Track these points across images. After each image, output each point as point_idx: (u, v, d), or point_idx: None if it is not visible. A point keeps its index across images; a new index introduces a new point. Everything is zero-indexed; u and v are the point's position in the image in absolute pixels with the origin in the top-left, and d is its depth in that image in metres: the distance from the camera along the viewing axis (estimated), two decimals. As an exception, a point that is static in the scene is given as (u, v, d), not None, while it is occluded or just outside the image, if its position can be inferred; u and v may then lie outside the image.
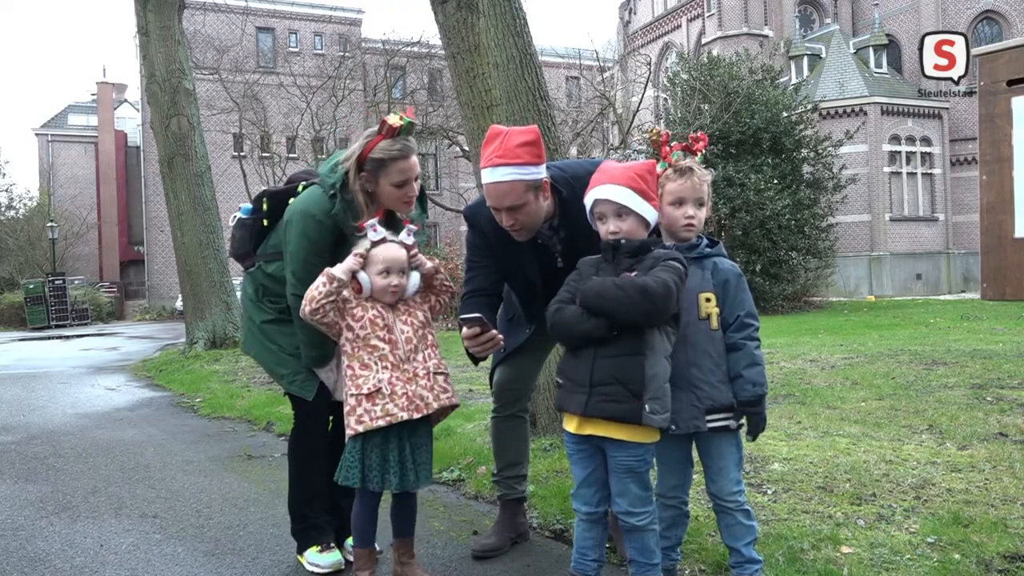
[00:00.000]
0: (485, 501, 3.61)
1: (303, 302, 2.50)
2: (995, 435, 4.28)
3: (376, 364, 2.49)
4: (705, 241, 2.42)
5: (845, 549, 2.69)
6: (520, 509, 3.10)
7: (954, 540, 2.71)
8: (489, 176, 2.54)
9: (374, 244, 2.52)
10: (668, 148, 2.46)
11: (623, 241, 2.26)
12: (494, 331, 2.56)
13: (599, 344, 2.21)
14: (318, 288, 2.47)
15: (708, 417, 2.32)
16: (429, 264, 2.66)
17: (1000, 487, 3.33)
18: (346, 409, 2.51)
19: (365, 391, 2.47)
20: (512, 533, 3.02)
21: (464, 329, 2.55)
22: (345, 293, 2.51)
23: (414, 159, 2.66)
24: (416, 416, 2.49)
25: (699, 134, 2.53)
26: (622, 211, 2.28)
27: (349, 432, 2.49)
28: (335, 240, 2.70)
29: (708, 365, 2.32)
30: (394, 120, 2.60)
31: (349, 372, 2.51)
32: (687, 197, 2.37)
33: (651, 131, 2.55)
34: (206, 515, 3.59)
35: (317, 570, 2.80)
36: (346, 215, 2.64)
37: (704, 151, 2.49)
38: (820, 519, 3.01)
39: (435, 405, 2.55)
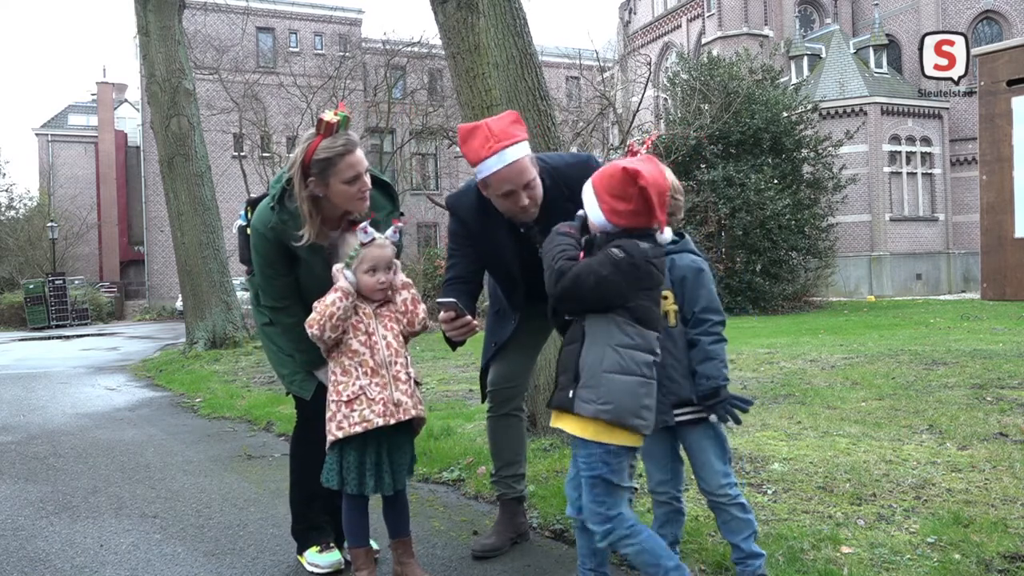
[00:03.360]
0: (485, 501, 3.61)
1: (320, 321, 2.47)
2: (995, 435, 4.28)
3: (356, 370, 2.50)
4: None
5: (845, 549, 2.69)
6: (520, 509, 3.10)
7: (954, 540, 2.71)
8: (500, 160, 2.57)
9: (363, 245, 2.50)
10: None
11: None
12: (469, 316, 2.62)
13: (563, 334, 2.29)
14: (336, 305, 2.46)
15: (676, 411, 2.36)
16: (399, 277, 2.63)
17: (1000, 487, 3.34)
18: (328, 415, 2.53)
19: (345, 397, 2.49)
20: (512, 533, 3.02)
21: (441, 313, 2.62)
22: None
23: (360, 153, 2.57)
24: (391, 422, 2.49)
25: (653, 134, 2.54)
26: None
27: (330, 438, 2.51)
28: (286, 252, 2.64)
29: (669, 361, 2.36)
30: (329, 116, 2.52)
31: (332, 378, 2.54)
32: None
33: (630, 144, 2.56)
34: (206, 515, 3.59)
35: (317, 570, 2.80)
36: (286, 227, 2.58)
37: (647, 149, 2.45)
38: (820, 519, 3.01)
39: (412, 412, 2.53)
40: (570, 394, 2.17)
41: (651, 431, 2.21)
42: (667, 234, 2.25)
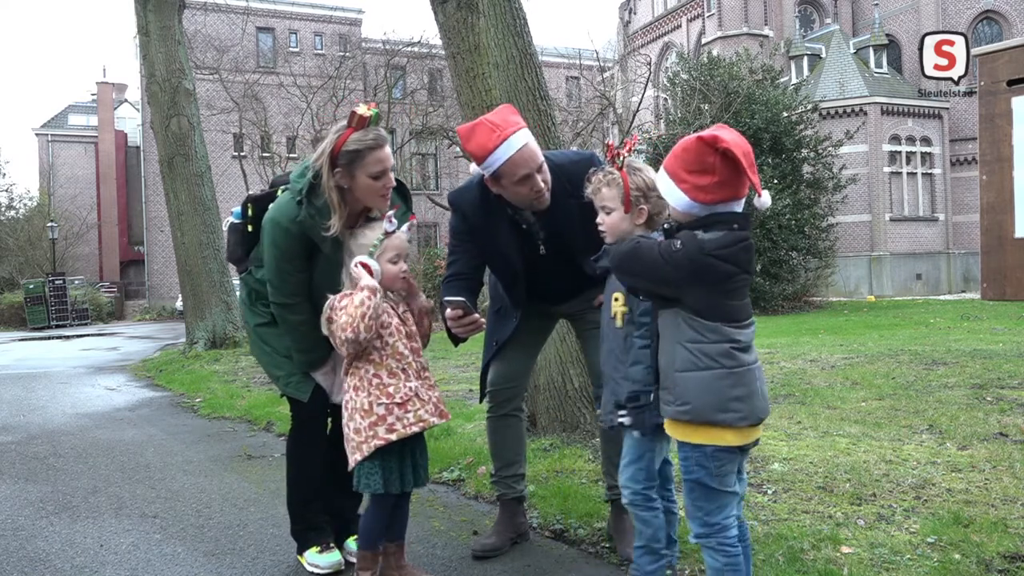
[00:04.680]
0: (485, 501, 3.61)
1: (353, 323, 2.37)
2: (995, 435, 4.28)
3: (403, 372, 2.47)
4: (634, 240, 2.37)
5: (845, 549, 2.69)
6: (519, 509, 3.10)
7: (954, 540, 2.71)
8: (510, 146, 2.57)
9: (387, 234, 2.48)
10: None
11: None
12: (476, 314, 2.62)
13: None
14: (366, 304, 2.37)
15: (619, 412, 2.34)
16: (423, 299, 2.65)
17: (1000, 487, 3.33)
18: (369, 420, 2.43)
19: (399, 399, 2.44)
20: (512, 533, 3.02)
21: (448, 311, 2.61)
22: (384, 318, 2.47)
23: (388, 149, 2.60)
24: (442, 421, 2.53)
25: (633, 136, 2.50)
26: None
27: (378, 442, 2.41)
28: (307, 247, 2.64)
29: (613, 362, 2.38)
30: (363, 110, 2.54)
31: (376, 381, 2.44)
32: (597, 208, 2.40)
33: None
34: (206, 515, 3.59)
35: (317, 571, 2.80)
36: (314, 221, 2.58)
37: (629, 152, 2.39)
38: (820, 519, 3.01)
39: (448, 414, 2.59)
40: (651, 396, 2.15)
41: (752, 422, 2.05)
42: (766, 198, 2.05)
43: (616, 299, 2.38)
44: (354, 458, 2.47)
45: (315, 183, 2.57)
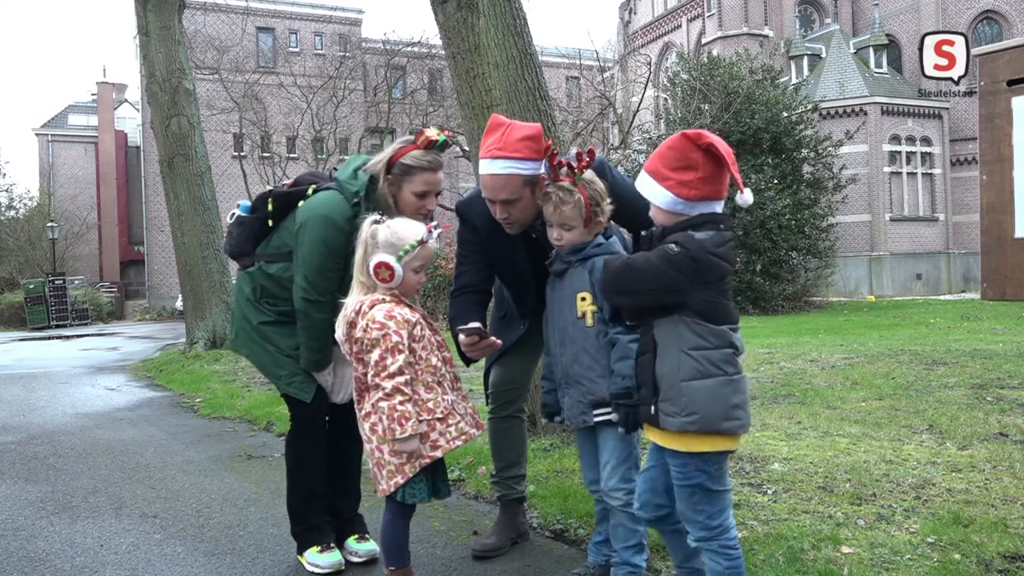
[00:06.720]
0: (485, 501, 3.61)
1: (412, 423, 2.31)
2: (995, 435, 4.28)
3: (440, 386, 2.42)
4: (593, 243, 2.41)
5: (845, 549, 2.69)
6: (520, 509, 3.10)
7: (954, 540, 2.71)
8: (487, 167, 2.55)
9: (423, 243, 2.43)
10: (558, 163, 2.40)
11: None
12: (492, 337, 2.60)
13: None
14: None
15: (595, 411, 2.37)
16: None
17: (1000, 487, 3.33)
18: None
19: (439, 414, 2.38)
20: (512, 533, 3.02)
21: (462, 337, 2.57)
22: (417, 331, 2.39)
23: (441, 175, 2.71)
24: (478, 432, 2.50)
25: (589, 149, 2.45)
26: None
27: (424, 461, 2.35)
28: (349, 247, 2.66)
29: (587, 361, 2.39)
30: (432, 133, 2.66)
31: (414, 397, 2.35)
32: (552, 223, 2.43)
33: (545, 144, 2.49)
34: (206, 515, 3.60)
35: (317, 570, 2.80)
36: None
37: (585, 168, 2.39)
38: (820, 519, 3.01)
39: (483, 425, 2.56)
40: (652, 409, 2.10)
41: (747, 429, 2.08)
42: (748, 195, 2.08)
43: (583, 298, 2.39)
44: (394, 481, 2.36)
45: (371, 186, 2.68)
